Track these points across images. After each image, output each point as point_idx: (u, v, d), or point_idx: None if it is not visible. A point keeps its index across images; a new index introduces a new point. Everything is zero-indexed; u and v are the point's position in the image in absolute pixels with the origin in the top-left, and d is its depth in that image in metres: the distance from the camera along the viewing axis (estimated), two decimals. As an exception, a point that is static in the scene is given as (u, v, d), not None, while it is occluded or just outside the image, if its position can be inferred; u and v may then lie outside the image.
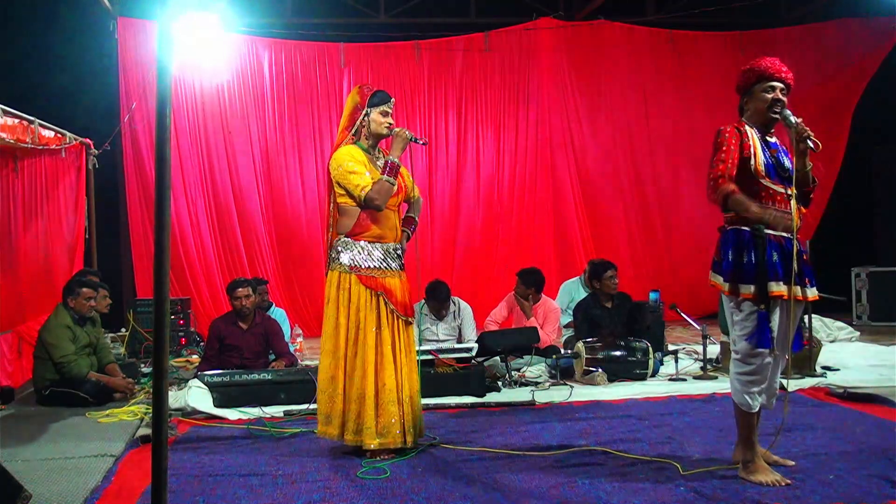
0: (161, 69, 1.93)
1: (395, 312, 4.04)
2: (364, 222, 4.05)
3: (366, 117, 4.10)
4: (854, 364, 6.24)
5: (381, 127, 4.09)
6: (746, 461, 3.55)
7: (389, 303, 4.02)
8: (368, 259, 4.03)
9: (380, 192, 3.96)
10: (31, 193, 6.89)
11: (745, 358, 3.50)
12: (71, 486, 3.64)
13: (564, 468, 3.78)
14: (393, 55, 9.66)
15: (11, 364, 6.09)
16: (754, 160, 3.52)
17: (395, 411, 3.95)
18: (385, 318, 4.00)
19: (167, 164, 1.90)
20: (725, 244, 3.57)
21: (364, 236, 4.04)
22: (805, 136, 3.50)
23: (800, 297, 3.50)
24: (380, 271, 4.03)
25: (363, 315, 3.98)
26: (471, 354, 5.62)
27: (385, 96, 4.12)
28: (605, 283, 6.44)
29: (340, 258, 4.05)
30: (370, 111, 4.09)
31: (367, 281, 4.00)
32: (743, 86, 3.76)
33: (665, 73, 10.09)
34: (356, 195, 3.97)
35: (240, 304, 6.08)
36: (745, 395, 3.52)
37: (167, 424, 2.06)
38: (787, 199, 3.53)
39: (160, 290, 1.89)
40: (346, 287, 4.01)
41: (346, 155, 4.03)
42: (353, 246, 4.04)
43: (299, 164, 9.39)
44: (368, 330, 3.97)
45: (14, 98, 6.11)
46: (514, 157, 9.83)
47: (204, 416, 5.01)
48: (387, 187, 3.97)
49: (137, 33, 8.77)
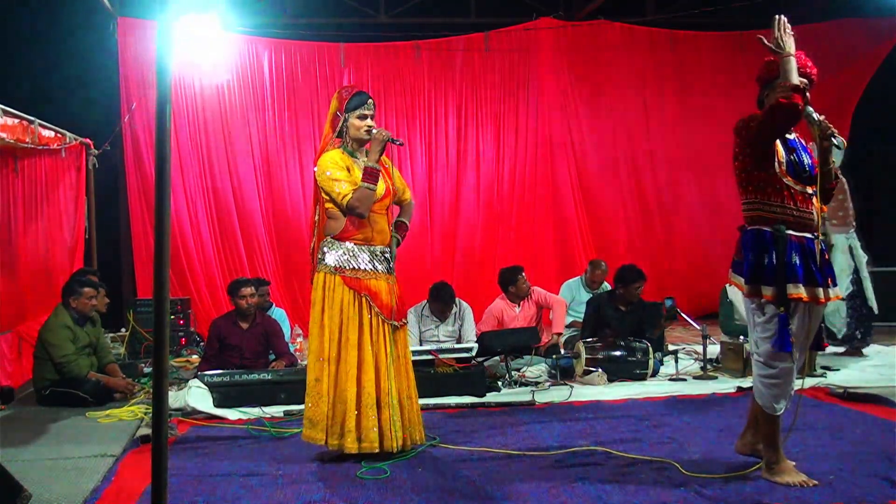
0: (161, 69, 1.93)
1: (380, 315, 3.99)
2: (350, 227, 4.03)
3: (345, 123, 4.08)
4: (854, 364, 6.24)
5: (359, 131, 4.06)
6: (771, 462, 3.50)
7: (374, 305, 3.98)
8: (353, 260, 4.01)
9: (360, 199, 3.92)
10: (31, 193, 6.88)
11: (768, 361, 3.45)
12: (71, 487, 3.65)
13: (564, 468, 3.78)
14: (393, 55, 9.65)
15: (11, 364, 6.09)
16: (776, 158, 3.44)
17: (373, 415, 3.89)
18: (368, 321, 3.96)
19: (167, 164, 1.90)
20: (746, 245, 3.50)
21: (350, 239, 4.03)
22: (829, 133, 3.42)
23: (822, 299, 3.42)
24: (365, 273, 4.01)
25: (346, 317, 3.95)
26: (471, 354, 5.62)
27: (362, 99, 4.07)
28: (630, 290, 6.39)
29: (326, 259, 4.04)
30: (348, 116, 4.06)
31: (351, 282, 3.98)
32: (765, 77, 3.60)
33: (665, 73, 10.09)
34: (339, 203, 3.96)
35: (245, 303, 6.08)
36: (769, 399, 3.46)
37: (167, 424, 2.06)
38: (808, 199, 3.47)
39: (160, 290, 1.89)
40: (331, 288, 3.99)
41: (328, 161, 4.00)
42: (339, 247, 4.03)
43: (299, 164, 9.38)
44: (351, 332, 3.93)
45: (14, 98, 6.11)
46: (514, 157, 9.83)
47: (204, 416, 5.01)
48: (367, 194, 3.94)
49: (137, 33, 8.76)
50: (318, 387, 3.95)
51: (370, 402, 3.90)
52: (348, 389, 3.89)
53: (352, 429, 3.87)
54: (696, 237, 10.04)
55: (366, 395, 3.90)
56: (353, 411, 3.88)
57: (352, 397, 3.89)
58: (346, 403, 3.89)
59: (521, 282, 6.73)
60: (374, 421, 3.90)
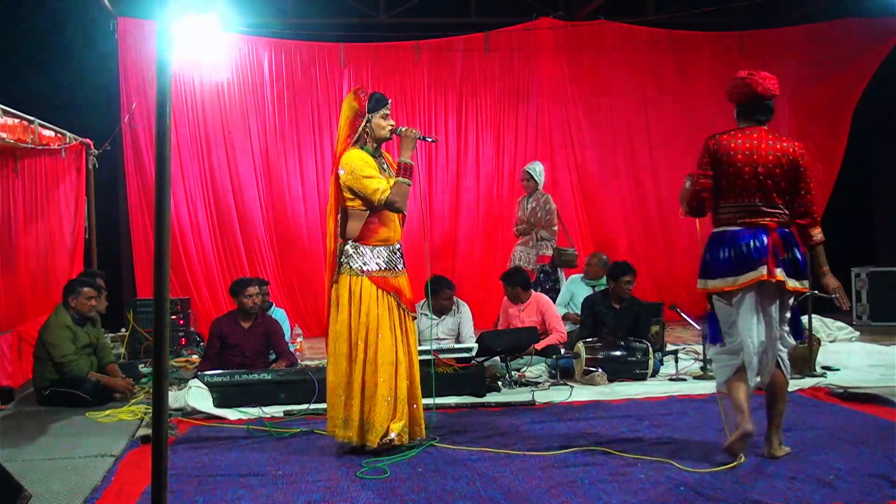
0: (161, 69, 1.93)
1: (406, 311, 4.14)
2: (372, 225, 4.10)
3: (368, 123, 4.11)
4: (854, 364, 6.23)
5: (384, 131, 4.12)
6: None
7: (402, 303, 4.11)
8: (378, 261, 4.08)
9: (399, 193, 4.03)
10: (31, 193, 6.88)
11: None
12: (71, 486, 3.65)
13: (564, 468, 3.78)
14: (393, 55, 9.65)
15: (11, 364, 6.08)
16: None
17: (406, 410, 4.06)
18: (398, 319, 4.09)
19: (167, 164, 1.90)
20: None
21: (372, 240, 4.09)
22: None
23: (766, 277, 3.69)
24: (390, 272, 4.11)
25: (374, 317, 4.02)
26: (471, 354, 5.62)
27: (383, 99, 4.14)
28: (619, 285, 6.41)
29: (351, 263, 4.08)
30: (371, 116, 4.11)
31: (379, 283, 4.06)
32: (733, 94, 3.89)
33: (665, 72, 10.09)
34: (374, 199, 3.99)
35: (250, 302, 6.09)
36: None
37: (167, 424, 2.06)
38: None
39: (160, 290, 1.89)
40: (358, 290, 4.04)
41: (357, 159, 4.04)
42: (363, 250, 4.08)
43: (299, 164, 9.38)
44: (384, 331, 4.02)
45: (14, 98, 6.10)
46: (514, 157, 9.82)
47: (204, 416, 5.01)
48: (405, 189, 4.04)
49: (137, 33, 8.76)
50: (350, 387, 4.02)
51: (403, 397, 4.05)
52: (385, 388, 3.98)
53: (396, 427, 3.98)
54: (695, 237, 10.01)
55: (401, 392, 4.03)
56: (392, 408, 3.99)
57: (392, 394, 4.00)
58: (385, 401, 3.97)
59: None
60: (407, 415, 4.06)
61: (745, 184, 3.77)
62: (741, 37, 10.03)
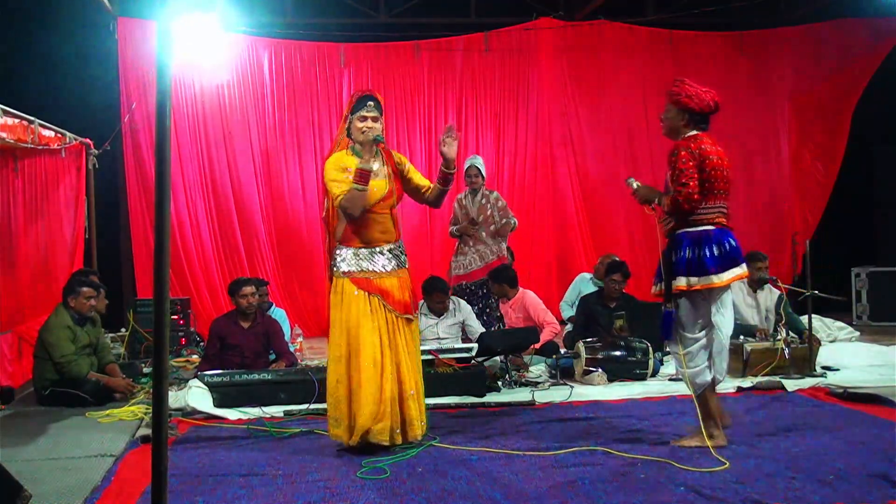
0: (161, 69, 1.93)
1: (395, 312, 4.10)
2: (352, 227, 4.15)
3: (350, 125, 4.18)
4: (854, 364, 6.22)
5: (358, 133, 4.16)
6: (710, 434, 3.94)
7: (387, 304, 4.09)
8: (361, 262, 4.11)
9: (350, 200, 4.02)
10: (31, 193, 6.88)
11: None
12: (71, 486, 3.65)
13: (564, 468, 3.78)
14: (393, 55, 9.64)
15: (11, 364, 6.09)
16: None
17: (395, 411, 4.04)
18: (384, 320, 4.08)
19: (167, 164, 1.90)
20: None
21: (353, 242, 4.14)
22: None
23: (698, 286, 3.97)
24: (375, 273, 4.11)
25: (360, 318, 4.04)
26: (471, 354, 5.62)
27: (363, 100, 4.16)
28: (607, 284, 6.44)
29: (338, 264, 4.16)
30: (352, 118, 4.17)
31: (361, 283, 4.08)
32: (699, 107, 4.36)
33: (665, 72, 10.07)
34: (335, 204, 4.09)
35: (246, 302, 6.09)
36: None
37: (167, 424, 2.06)
38: None
39: (160, 290, 1.89)
40: (343, 291, 4.11)
41: (329, 163, 4.17)
42: (347, 251, 4.14)
43: (299, 164, 9.38)
44: (365, 332, 4.03)
45: (14, 98, 6.10)
46: (514, 157, 9.81)
47: (204, 416, 5.01)
48: (355, 195, 4.01)
49: (137, 33, 8.75)
50: (339, 388, 4.05)
51: (390, 398, 4.01)
52: (366, 388, 3.98)
53: (378, 427, 3.97)
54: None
55: (385, 392, 4.00)
56: (372, 408, 3.97)
57: (377, 395, 3.98)
58: (368, 401, 3.97)
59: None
60: (397, 417, 4.04)
61: (720, 186, 4.13)
62: (741, 37, 10.03)
